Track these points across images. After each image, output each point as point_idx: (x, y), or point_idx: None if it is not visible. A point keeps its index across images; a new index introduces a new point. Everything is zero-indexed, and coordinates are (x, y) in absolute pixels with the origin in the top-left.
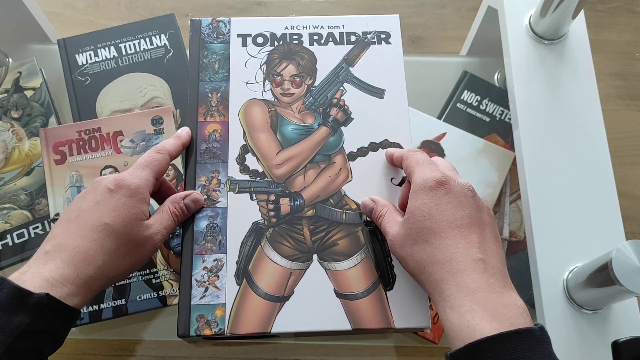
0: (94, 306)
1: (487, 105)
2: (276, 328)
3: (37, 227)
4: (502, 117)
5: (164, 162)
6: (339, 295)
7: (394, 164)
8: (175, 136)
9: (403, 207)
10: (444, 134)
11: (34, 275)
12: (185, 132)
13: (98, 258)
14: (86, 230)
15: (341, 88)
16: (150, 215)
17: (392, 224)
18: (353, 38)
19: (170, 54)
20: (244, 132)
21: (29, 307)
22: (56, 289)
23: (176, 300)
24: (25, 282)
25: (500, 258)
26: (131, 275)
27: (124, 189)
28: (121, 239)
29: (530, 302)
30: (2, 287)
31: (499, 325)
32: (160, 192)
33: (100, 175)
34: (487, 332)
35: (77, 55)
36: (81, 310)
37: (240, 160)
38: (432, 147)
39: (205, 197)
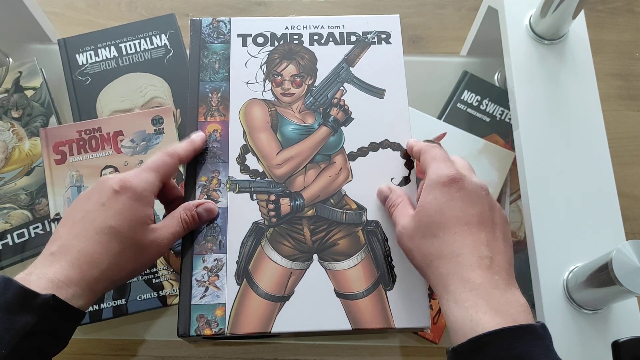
0: (94, 306)
1: (487, 105)
2: (276, 328)
3: (38, 227)
4: (502, 117)
5: (173, 167)
6: (339, 295)
7: (413, 155)
8: (189, 140)
9: None
10: (444, 134)
11: (40, 277)
12: (199, 137)
13: (103, 261)
14: (92, 232)
15: (341, 88)
16: (155, 219)
17: (404, 216)
18: (353, 38)
19: (170, 54)
20: (244, 132)
21: (35, 308)
22: (61, 290)
23: (176, 300)
24: (30, 282)
25: (507, 257)
26: None
27: (129, 192)
28: (126, 242)
29: (530, 302)
30: (8, 288)
31: (502, 321)
32: (163, 192)
33: (101, 175)
34: (490, 326)
35: (77, 55)
36: (85, 311)
37: (241, 160)
38: None
39: (206, 197)
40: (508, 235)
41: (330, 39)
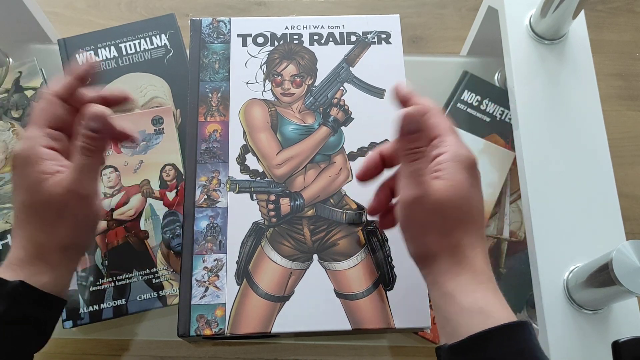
0: (94, 306)
1: (487, 105)
2: (276, 328)
3: None
4: (503, 117)
5: (52, 107)
6: (339, 295)
7: (404, 102)
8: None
9: (390, 185)
10: None
11: (2, 267)
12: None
13: (38, 236)
14: (19, 215)
15: (341, 88)
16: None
17: (429, 175)
18: (353, 38)
19: (170, 54)
20: (244, 132)
21: (4, 295)
22: (16, 270)
23: (176, 300)
24: None
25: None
26: (131, 275)
27: (18, 161)
28: (39, 209)
29: (530, 302)
30: None
31: (510, 315)
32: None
33: (101, 175)
34: (502, 319)
35: (77, 55)
36: (63, 297)
37: (241, 160)
38: None
39: (206, 197)
40: None
41: (330, 39)
